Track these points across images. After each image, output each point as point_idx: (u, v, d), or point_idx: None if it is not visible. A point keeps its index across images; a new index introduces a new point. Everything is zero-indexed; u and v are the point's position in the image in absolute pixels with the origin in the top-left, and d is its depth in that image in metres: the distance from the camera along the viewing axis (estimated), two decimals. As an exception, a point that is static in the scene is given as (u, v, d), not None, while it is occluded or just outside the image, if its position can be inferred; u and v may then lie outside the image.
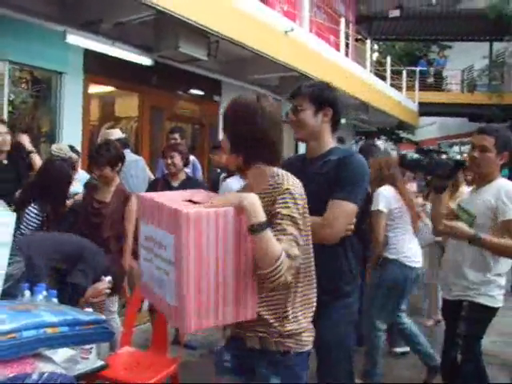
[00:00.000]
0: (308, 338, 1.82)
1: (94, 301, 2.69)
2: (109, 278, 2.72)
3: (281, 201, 1.69)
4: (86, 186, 3.98)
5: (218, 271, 1.56)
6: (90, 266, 2.67)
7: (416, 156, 2.96)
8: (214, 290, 1.55)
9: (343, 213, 2.07)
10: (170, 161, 4.04)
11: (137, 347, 3.33)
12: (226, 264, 1.57)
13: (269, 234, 1.59)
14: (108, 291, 2.73)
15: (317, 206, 1.99)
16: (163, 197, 1.78)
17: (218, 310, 1.57)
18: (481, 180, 2.82)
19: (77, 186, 4.09)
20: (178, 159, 4.05)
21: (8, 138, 3.87)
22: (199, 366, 4.03)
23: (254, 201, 1.62)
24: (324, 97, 2.20)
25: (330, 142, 2.25)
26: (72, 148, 4.51)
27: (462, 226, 2.69)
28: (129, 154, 4.91)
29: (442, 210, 2.89)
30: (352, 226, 2.15)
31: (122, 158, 3.63)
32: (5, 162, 4.03)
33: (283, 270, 1.56)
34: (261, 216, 1.60)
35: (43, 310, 1.72)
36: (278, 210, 1.67)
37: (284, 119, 2.02)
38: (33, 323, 1.58)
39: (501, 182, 2.74)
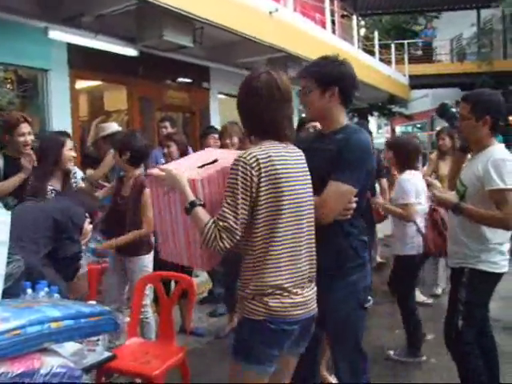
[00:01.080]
0: (260, 309, 1.85)
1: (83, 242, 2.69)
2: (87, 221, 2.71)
3: (232, 170, 1.85)
4: (118, 180, 3.89)
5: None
6: (74, 228, 2.63)
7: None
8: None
9: (339, 194, 2.10)
10: (166, 150, 4.16)
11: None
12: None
13: (196, 212, 1.87)
14: (90, 227, 2.75)
15: (315, 182, 2.04)
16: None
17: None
18: (474, 148, 2.80)
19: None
20: (173, 149, 4.17)
21: (30, 138, 3.52)
22: (206, 352, 4.06)
23: (183, 184, 1.92)
24: (328, 76, 2.18)
25: (340, 119, 2.24)
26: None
27: (446, 195, 2.70)
28: None
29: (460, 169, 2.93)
30: (352, 207, 2.15)
31: (129, 146, 3.47)
32: None
33: (211, 239, 1.81)
34: (189, 198, 1.89)
35: (46, 305, 1.72)
36: (228, 179, 1.86)
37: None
38: (36, 319, 1.59)
39: (492, 150, 2.66)
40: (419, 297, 5.13)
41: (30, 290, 2.08)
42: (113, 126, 5.15)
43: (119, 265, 3.59)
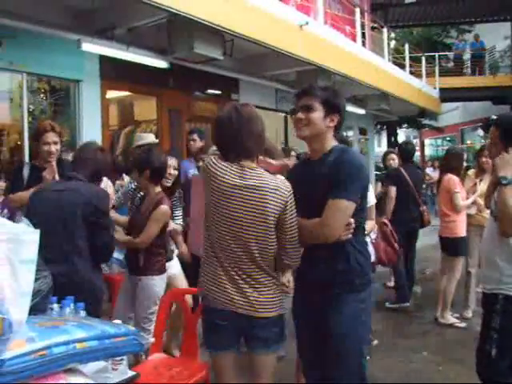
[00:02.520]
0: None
1: None
2: None
3: None
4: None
5: None
6: (102, 214, 2.76)
7: None
8: None
9: (339, 211, 2.20)
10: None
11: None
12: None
13: None
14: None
15: (316, 208, 2.22)
16: None
17: None
18: None
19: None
20: None
21: (55, 148, 3.47)
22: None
23: None
24: (335, 103, 2.33)
25: (330, 142, 2.36)
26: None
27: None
28: None
29: None
30: (352, 224, 2.23)
31: (148, 164, 3.39)
32: None
33: None
34: None
35: (72, 325, 1.71)
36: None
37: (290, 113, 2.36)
38: (62, 339, 1.58)
39: None
40: (449, 319, 5.01)
41: (56, 306, 2.09)
42: (150, 137, 5.12)
43: (130, 284, 3.45)
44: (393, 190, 5.63)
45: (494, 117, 3.18)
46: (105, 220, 2.80)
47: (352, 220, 2.22)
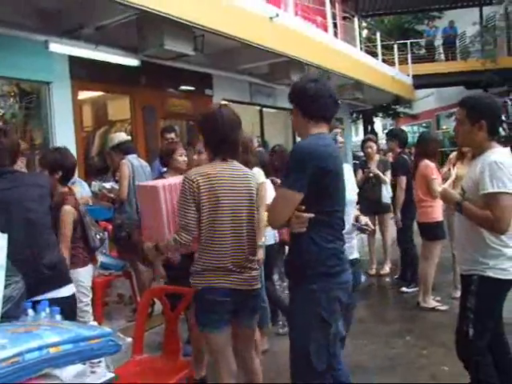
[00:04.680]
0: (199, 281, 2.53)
1: None
2: None
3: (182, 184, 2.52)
4: None
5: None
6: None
7: None
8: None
9: (279, 198, 2.34)
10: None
11: (151, 351, 3.33)
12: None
13: None
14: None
15: None
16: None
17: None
18: (475, 153, 2.78)
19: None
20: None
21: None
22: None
23: None
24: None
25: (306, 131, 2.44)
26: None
27: (452, 192, 2.69)
28: (135, 160, 4.87)
29: None
30: (304, 218, 2.19)
31: (63, 166, 3.40)
32: None
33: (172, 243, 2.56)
34: None
35: (45, 329, 1.69)
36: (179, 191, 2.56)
37: None
38: (35, 345, 1.55)
39: (490, 153, 2.60)
40: (431, 303, 5.07)
41: (31, 311, 2.06)
42: (121, 136, 5.14)
43: None
44: (403, 181, 5.69)
45: None
46: None
47: (306, 214, 2.20)
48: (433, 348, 4.07)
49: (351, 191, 3.00)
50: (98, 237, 3.81)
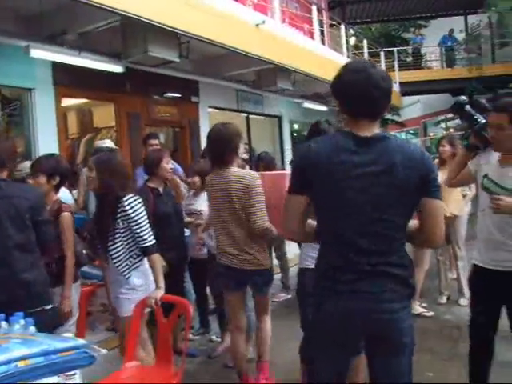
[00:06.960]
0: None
1: None
2: None
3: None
4: None
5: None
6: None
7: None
8: None
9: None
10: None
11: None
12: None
13: None
14: None
15: None
16: None
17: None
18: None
19: None
20: None
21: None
22: (199, 373, 3.96)
23: None
24: None
25: None
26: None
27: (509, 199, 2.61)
28: None
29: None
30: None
31: (60, 172, 3.29)
32: None
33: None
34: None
35: (15, 342, 1.62)
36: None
37: None
38: (2, 358, 1.49)
39: None
40: (417, 309, 5.04)
41: (4, 323, 1.99)
42: (107, 143, 5.09)
43: None
44: None
45: (464, 98, 3.17)
46: None
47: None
48: (420, 354, 4.01)
49: None
50: (85, 252, 3.73)
